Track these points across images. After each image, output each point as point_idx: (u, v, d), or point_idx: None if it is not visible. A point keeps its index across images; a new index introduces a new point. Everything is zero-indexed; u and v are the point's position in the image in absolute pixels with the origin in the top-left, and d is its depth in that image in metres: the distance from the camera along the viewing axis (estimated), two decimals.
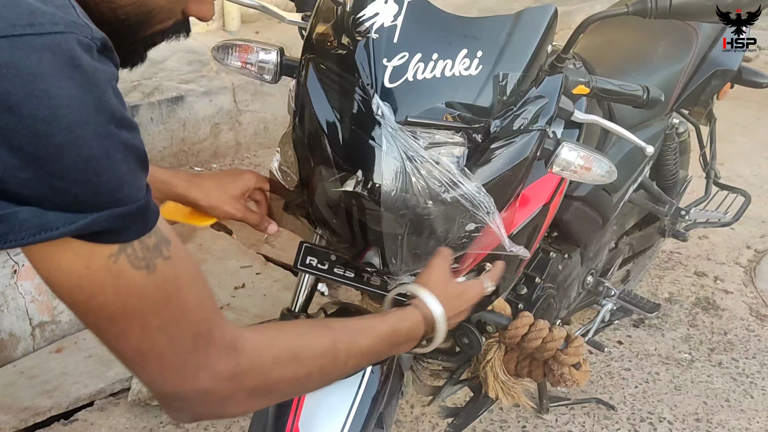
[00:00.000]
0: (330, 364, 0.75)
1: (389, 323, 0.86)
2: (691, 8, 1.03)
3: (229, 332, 0.63)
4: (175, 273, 0.57)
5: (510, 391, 1.54)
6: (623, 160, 1.65)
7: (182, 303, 0.58)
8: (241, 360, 0.63)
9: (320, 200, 1.04)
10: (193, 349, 0.60)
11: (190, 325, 0.59)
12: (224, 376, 0.62)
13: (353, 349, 0.78)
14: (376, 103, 0.95)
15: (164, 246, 0.56)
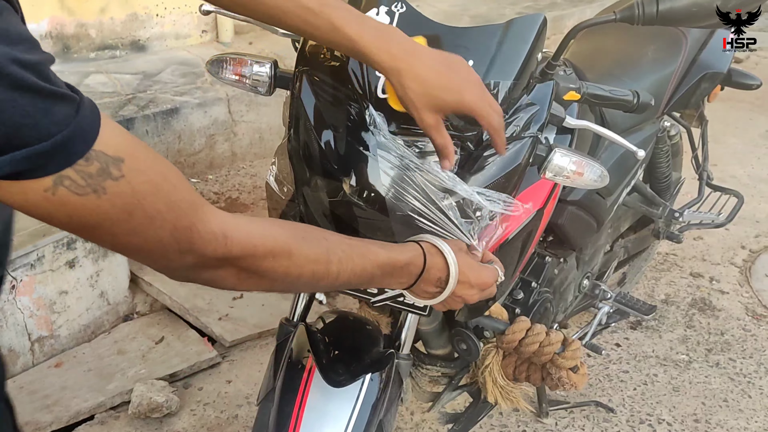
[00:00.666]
0: (322, 271, 0.75)
1: (388, 252, 0.84)
2: (677, 14, 1.04)
3: (216, 222, 0.64)
4: (132, 188, 0.57)
5: (509, 396, 1.54)
6: (616, 164, 1.66)
7: (148, 211, 0.59)
8: (231, 246, 0.65)
9: (316, 210, 1.05)
10: (174, 242, 0.62)
11: (164, 226, 0.60)
12: (212, 258, 0.65)
13: (346, 265, 0.78)
14: (370, 114, 0.96)
15: (113, 167, 0.55)
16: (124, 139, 0.57)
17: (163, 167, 0.61)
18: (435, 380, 1.64)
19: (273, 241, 0.70)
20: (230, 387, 2.08)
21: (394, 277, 0.88)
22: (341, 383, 1.14)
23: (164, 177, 0.60)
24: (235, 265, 0.67)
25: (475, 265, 0.95)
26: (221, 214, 0.66)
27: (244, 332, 2.28)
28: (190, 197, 0.63)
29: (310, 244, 0.74)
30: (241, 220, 0.68)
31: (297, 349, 1.22)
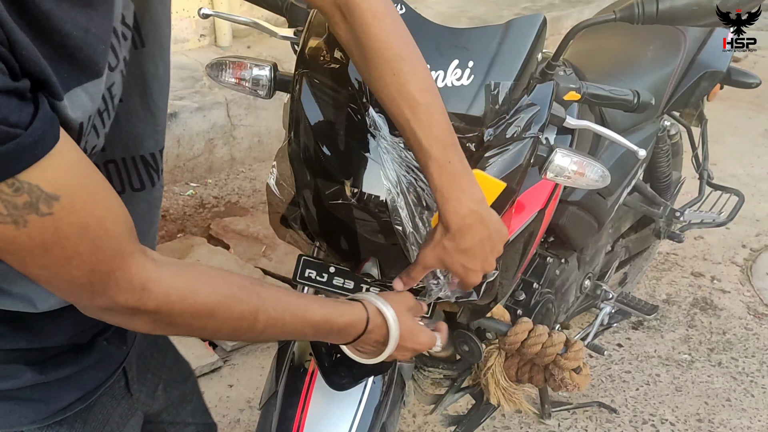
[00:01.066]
0: (245, 328, 0.75)
1: (325, 312, 0.83)
2: (677, 13, 1.04)
3: (138, 273, 0.63)
4: (57, 227, 0.55)
5: (511, 398, 1.54)
6: (616, 164, 1.66)
7: (67, 251, 0.57)
8: (147, 300, 0.64)
9: (317, 213, 1.04)
10: (87, 284, 0.60)
11: (81, 267, 0.59)
12: (124, 306, 0.63)
13: (275, 324, 0.77)
14: (370, 116, 0.96)
15: (43, 204, 0.54)
16: (71, 177, 0.56)
17: (102, 211, 0.59)
18: (437, 382, 1.64)
19: (193, 300, 0.68)
20: (232, 391, 2.08)
21: (329, 336, 0.87)
22: (343, 387, 1.13)
23: (99, 221, 0.59)
24: (149, 316, 0.66)
25: (416, 330, 0.96)
26: (148, 264, 0.64)
27: None
28: (119, 245, 0.61)
29: (238, 302, 0.73)
30: (168, 272, 0.66)
31: (299, 353, 1.21)
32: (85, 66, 0.58)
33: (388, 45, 0.83)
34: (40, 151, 0.53)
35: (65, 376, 0.78)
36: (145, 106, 0.77)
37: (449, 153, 0.86)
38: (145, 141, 0.78)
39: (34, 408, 0.76)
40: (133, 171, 0.78)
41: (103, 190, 0.60)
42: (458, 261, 0.92)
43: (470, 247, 0.90)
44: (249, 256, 2.64)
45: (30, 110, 0.53)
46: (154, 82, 0.77)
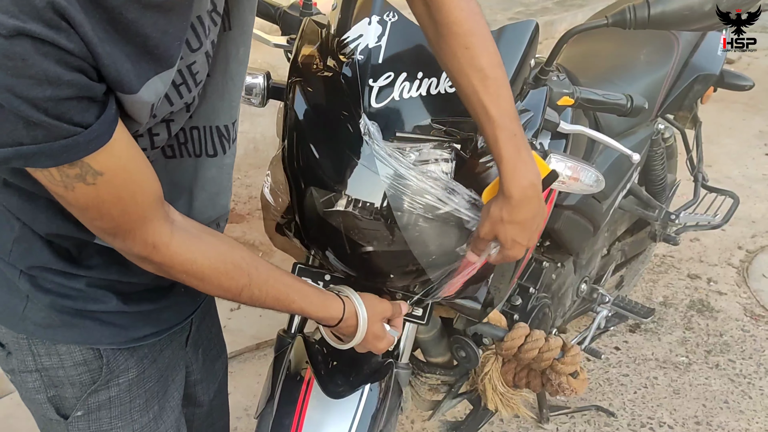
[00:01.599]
0: (228, 297, 0.87)
1: (304, 305, 0.94)
2: (669, 18, 1.05)
3: (153, 236, 0.76)
4: (97, 194, 0.69)
5: (509, 403, 1.54)
6: (611, 168, 1.67)
7: (103, 210, 0.71)
8: (154, 255, 0.78)
9: (312, 221, 1.04)
10: (111, 232, 0.75)
11: (110, 223, 0.73)
12: (135, 254, 0.78)
13: (256, 300, 0.89)
14: (364, 124, 0.96)
15: (90, 176, 0.67)
16: (117, 161, 0.69)
17: (135, 186, 0.73)
18: (435, 388, 1.63)
19: (191, 265, 0.81)
20: (229, 399, 2.07)
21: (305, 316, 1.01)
22: (340, 394, 1.13)
23: (131, 193, 0.72)
24: (153, 265, 0.80)
25: (380, 335, 1.06)
26: (163, 229, 0.77)
27: (242, 343, 2.27)
28: (144, 212, 0.75)
29: (227, 278, 0.84)
30: (179, 238, 0.79)
31: (295, 361, 1.21)
32: (161, 59, 0.71)
33: (461, 21, 0.89)
34: (93, 147, 0.66)
35: (145, 310, 0.92)
36: (224, 83, 0.89)
37: (515, 125, 0.91)
38: (221, 114, 0.91)
39: (114, 331, 0.89)
40: (209, 139, 0.91)
41: (141, 171, 0.73)
42: (510, 232, 0.95)
43: (524, 219, 0.94)
44: None
45: (96, 111, 0.65)
46: (234, 62, 0.88)
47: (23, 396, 0.95)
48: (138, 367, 0.94)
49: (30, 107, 0.60)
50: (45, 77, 0.60)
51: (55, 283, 0.85)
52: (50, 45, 0.59)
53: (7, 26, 0.57)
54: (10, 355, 0.91)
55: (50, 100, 0.61)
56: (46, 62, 0.59)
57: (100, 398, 0.92)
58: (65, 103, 0.62)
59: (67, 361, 0.89)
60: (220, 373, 1.23)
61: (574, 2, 5.54)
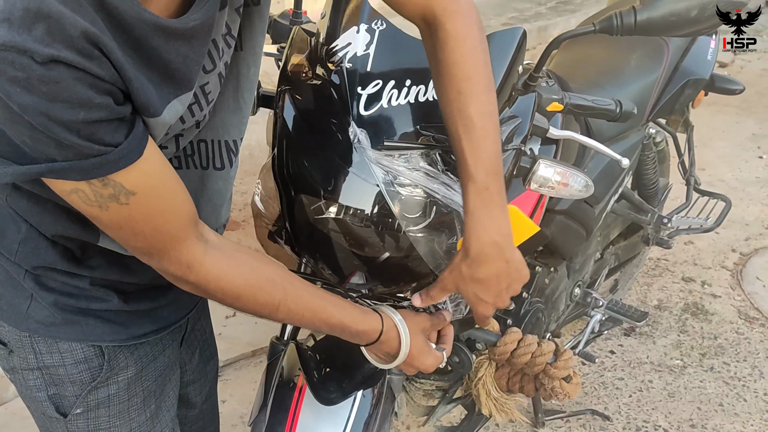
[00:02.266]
0: (266, 314, 0.89)
1: (342, 318, 0.93)
2: (655, 24, 1.06)
3: (186, 255, 0.79)
4: (129, 214, 0.72)
5: (503, 408, 1.54)
6: (602, 173, 1.67)
7: (135, 230, 0.74)
8: (189, 275, 0.80)
9: (303, 228, 1.05)
10: (145, 251, 0.78)
11: (143, 242, 0.76)
12: (172, 275, 0.81)
13: (294, 316, 0.90)
14: (353, 131, 0.97)
15: (123, 196, 0.71)
16: (147, 180, 0.72)
17: (166, 205, 0.75)
18: (429, 394, 1.63)
19: (226, 283, 0.83)
20: (224, 407, 2.07)
21: (342, 336, 0.97)
22: (332, 401, 1.13)
23: (161, 212, 0.75)
24: (189, 285, 0.82)
25: (425, 350, 1.02)
26: (196, 249, 0.79)
27: (238, 351, 2.27)
28: (176, 232, 0.77)
29: (263, 293, 0.86)
30: (212, 257, 0.81)
31: (288, 368, 1.21)
32: (181, 83, 0.75)
33: (459, 66, 0.89)
34: (123, 163, 0.69)
35: (144, 309, 0.94)
36: (235, 101, 0.92)
37: (490, 180, 0.90)
38: (231, 129, 0.94)
39: (115, 329, 0.92)
40: (217, 153, 0.93)
41: (173, 190, 0.76)
42: (472, 289, 0.95)
43: (485, 277, 0.93)
44: None
45: (125, 131, 0.68)
46: (245, 81, 0.92)
47: (23, 394, 0.97)
48: (137, 366, 0.96)
49: (63, 129, 0.63)
50: (78, 101, 0.63)
51: (59, 282, 0.88)
52: (83, 71, 0.62)
53: (42, 54, 0.60)
54: (12, 353, 0.93)
55: (82, 123, 0.64)
56: (78, 87, 0.63)
57: (99, 396, 0.94)
58: (96, 125, 0.65)
59: (68, 359, 0.91)
60: (212, 375, 1.25)
61: (567, 7, 5.57)
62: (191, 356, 1.15)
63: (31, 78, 0.61)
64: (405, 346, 0.99)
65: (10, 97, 0.61)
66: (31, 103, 0.62)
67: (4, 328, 0.92)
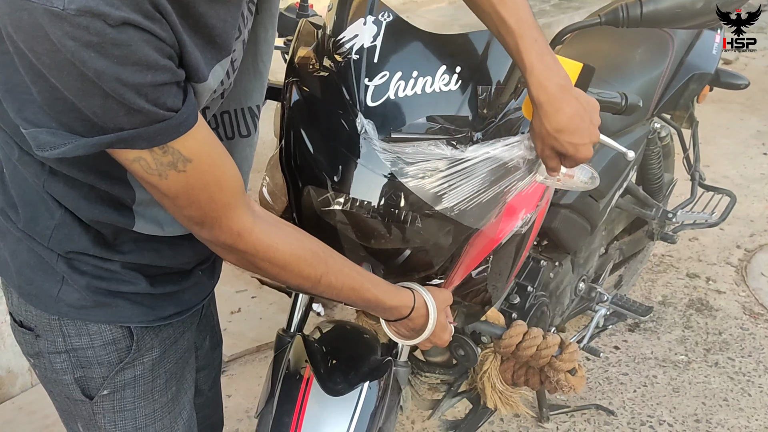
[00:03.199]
0: (308, 286, 0.91)
1: (378, 293, 0.98)
2: (661, 16, 1.06)
3: (238, 222, 0.81)
4: (187, 181, 0.74)
5: (508, 401, 1.55)
6: (607, 167, 1.68)
7: (191, 198, 0.76)
8: (239, 243, 0.82)
9: (310, 220, 1.05)
10: (200, 221, 0.80)
11: (198, 211, 0.78)
12: (222, 243, 0.82)
13: (333, 290, 0.93)
14: (360, 122, 0.97)
15: (180, 163, 0.73)
16: (202, 147, 0.74)
17: (219, 173, 0.77)
18: (434, 387, 1.64)
19: (274, 252, 0.85)
20: (230, 401, 2.08)
21: (375, 311, 1.03)
22: (339, 392, 1.14)
23: (216, 180, 0.77)
24: (237, 254, 0.84)
25: (445, 326, 1.11)
26: (247, 217, 0.81)
27: (243, 346, 2.27)
28: (228, 199, 0.79)
29: (307, 265, 0.88)
30: (261, 226, 0.83)
31: (294, 360, 1.22)
32: (222, 47, 0.77)
33: None
34: (183, 129, 0.71)
35: (169, 292, 0.97)
36: (255, 66, 0.94)
37: (536, 32, 0.94)
38: (253, 95, 0.96)
39: (143, 311, 0.94)
40: (242, 120, 0.96)
41: (223, 159, 0.78)
42: (565, 140, 0.95)
43: (568, 120, 0.94)
44: None
45: (181, 97, 0.71)
46: (264, 44, 0.93)
47: (47, 378, 0.98)
48: (161, 347, 0.98)
49: (134, 94, 0.66)
50: (146, 63, 0.65)
51: (92, 265, 0.90)
52: (149, 33, 0.65)
53: (114, 17, 0.62)
54: (39, 338, 0.94)
55: (150, 86, 0.66)
56: (147, 49, 0.65)
57: (126, 377, 0.96)
58: (161, 89, 0.68)
59: (97, 341, 0.93)
60: (217, 362, 1.26)
61: (571, 4, 5.56)
62: (203, 342, 1.17)
63: (104, 42, 0.62)
64: (432, 323, 1.04)
65: (85, 63, 0.63)
66: (105, 68, 0.63)
67: (31, 314, 0.93)
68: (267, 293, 2.49)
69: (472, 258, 1.18)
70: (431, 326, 1.05)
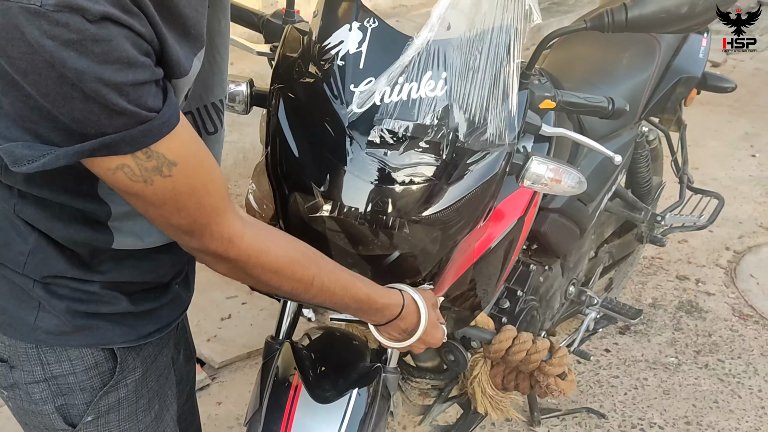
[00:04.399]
0: (301, 290, 0.89)
1: (369, 292, 0.97)
2: (646, 21, 1.06)
3: (228, 228, 0.78)
4: (174, 186, 0.71)
5: (499, 406, 1.54)
6: (596, 171, 1.68)
7: (179, 204, 0.73)
8: (230, 250, 0.79)
9: (297, 227, 1.05)
10: (188, 230, 0.76)
11: (186, 218, 0.75)
12: (213, 251, 0.79)
13: (326, 292, 0.91)
14: (346, 129, 0.97)
15: (165, 168, 0.70)
16: (186, 148, 0.72)
17: (207, 177, 0.75)
18: (425, 393, 1.64)
19: (266, 256, 0.83)
20: (221, 409, 2.07)
21: (367, 314, 1.01)
22: (328, 399, 1.13)
23: (203, 183, 0.74)
24: (229, 263, 0.81)
25: (437, 324, 1.10)
26: (236, 223, 0.79)
27: (233, 353, 2.26)
28: (217, 204, 0.76)
29: (300, 267, 0.87)
30: (251, 231, 0.81)
31: (283, 367, 1.21)
32: (196, 39, 0.74)
33: None
34: (166, 129, 0.68)
35: (148, 309, 0.94)
36: (211, 59, 0.90)
37: None
38: (214, 89, 0.93)
39: (124, 330, 0.92)
40: (207, 117, 0.93)
41: (208, 161, 0.75)
42: None
43: None
44: None
45: (161, 97, 0.68)
46: (218, 36, 0.90)
47: (23, 410, 0.94)
48: (143, 366, 0.96)
49: (116, 94, 0.63)
50: (126, 61, 0.63)
51: (70, 288, 0.87)
52: (128, 29, 0.62)
53: (93, 12, 0.59)
54: (14, 369, 0.90)
55: (131, 85, 0.64)
56: (126, 45, 0.62)
57: (110, 401, 0.93)
58: (141, 88, 0.65)
59: (78, 366, 0.90)
60: (192, 375, 1.25)
61: (560, 8, 5.59)
62: (178, 355, 1.15)
63: (84, 39, 0.60)
64: (424, 320, 1.04)
65: (65, 64, 0.60)
66: (86, 68, 0.61)
67: (3, 345, 0.89)
68: (257, 299, 2.48)
69: (461, 263, 1.18)
70: (423, 323, 1.04)
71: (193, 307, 1.09)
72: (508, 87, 1.06)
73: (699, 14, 1.07)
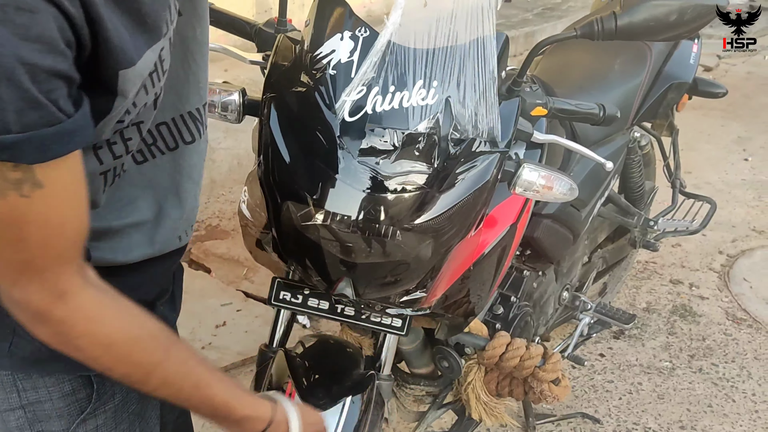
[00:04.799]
0: (136, 378, 0.76)
1: (227, 398, 0.84)
2: (635, 29, 1.07)
3: (64, 282, 0.66)
4: (26, 210, 0.60)
5: (493, 412, 1.55)
6: (588, 177, 1.69)
7: (21, 233, 0.61)
8: (57, 309, 0.67)
9: (290, 235, 1.05)
10: (18, 270, 0.64)
11: (22, 254, 0.63)
12: (33, 308, 0.66)
13: (170, 387, 0.79)
14: (338, 137, 0.97)
15: (28, 186, 0.59)
16: (63, 176, 0.61)
17: (69, 214, 0.64)
18: (419, 399, 1.64)
19: (98, 326, 0.70)
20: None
21: (223, 424, 0.87)
22: (321, 407, 1.13)
23: (61, 221, 0.63)
24: (50, 326, 0.68)
25: (316, 418, 0.98)
26: (76, 278, 0.67)
27: (228, 360, 2.26)
28: (66, 250, 0.65)
29: (140, 349, 0.74)
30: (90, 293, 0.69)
31: (277, 375, 1.21)
32: (153, 30, 0.68)
33: None
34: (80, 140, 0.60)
35: None
36: (186, 67, 0.85)
37: None
38: (190, 98, 0.87)
39: None
40: (183, 127, 0.87)
41: (80, 201, 0.65)
42: None
43: None
44: (230, 279, 2.63)
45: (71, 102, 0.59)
46: (192, 43, 0.85)
47: None
48: (122, 392, 0.92)
49: (29, 78, 0.54)
50: (49, 42, 0.55)
51: None
52: (56, 7, 0.56)
53: None
54: None
55: (47, 72, 0.56)
56: (51, 24, 0.55)
57: (88, 428, 0.90)
58: (55, 81, 0.57)
59: (55, 393, 0.86)
60: None
61: (553, 14, 5.62)
62: None
63: (7, 5, 0.53)
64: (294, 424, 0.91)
65: None
66: (4, 41, 0.53)
67: None
68: (252, 306, 2.48)
69: (454, 270, 1.19)
70: None
71: (187, 314, 1.07)
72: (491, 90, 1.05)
73: (687, 22, 1.08)
